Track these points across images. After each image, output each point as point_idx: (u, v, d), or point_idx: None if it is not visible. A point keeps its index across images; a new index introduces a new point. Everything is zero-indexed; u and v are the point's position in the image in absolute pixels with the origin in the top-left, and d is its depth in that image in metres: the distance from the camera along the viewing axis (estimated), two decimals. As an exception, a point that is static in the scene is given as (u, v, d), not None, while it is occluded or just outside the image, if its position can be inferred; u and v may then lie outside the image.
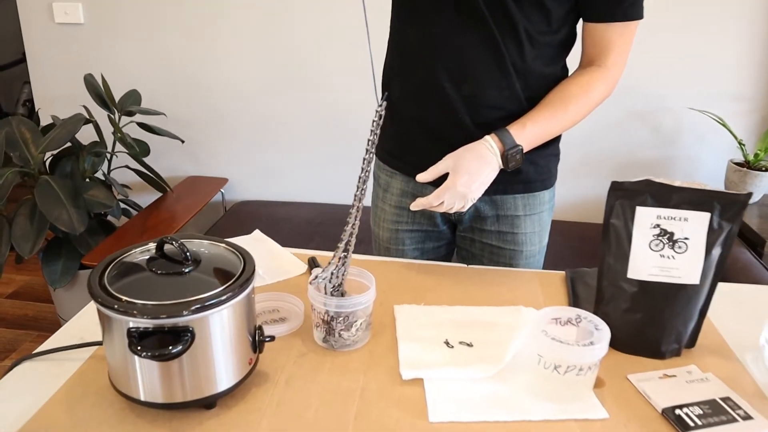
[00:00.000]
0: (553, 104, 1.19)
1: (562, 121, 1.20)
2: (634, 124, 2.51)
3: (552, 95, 1.20)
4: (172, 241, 0.83)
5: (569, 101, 1.19)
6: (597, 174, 2.57)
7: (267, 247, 1.36)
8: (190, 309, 0.76)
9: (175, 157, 2.79)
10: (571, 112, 1.20)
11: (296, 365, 0.96)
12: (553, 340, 0.87)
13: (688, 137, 2.49)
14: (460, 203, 1.15)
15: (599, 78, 1.20)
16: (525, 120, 1.18)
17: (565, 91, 1.20)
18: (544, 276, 1.28)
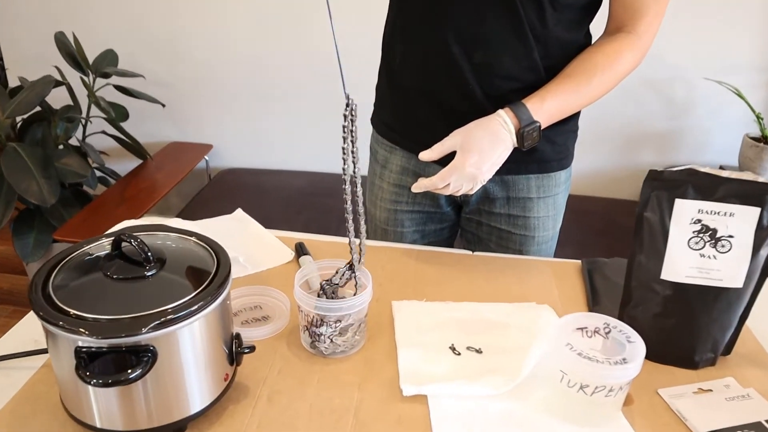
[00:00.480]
0: (576, 75, 1.05)
1: (584, 94, 1.06)
2: (645, 94, 2.36)
3: (574, 65, 1.06)
4: (131, 239, 0.69)
5: (593, 72, 1.05)
6: (603, 145, 2.43)
7: (249, 229, 1.22)
8: (151, 325, 0.62)
9: (156, 122, 2.62)
10: (595, 84, 1.05)
11: (280, 376, 0.83)
12: (580, 356, 0.75)
13: (701, 109, 2.35)
14: (468, 185, 1.02)
15: (628, 46, 1.05)
16: (544, 93, 1.04)
17: (590, 61, 1.05)
18: (558, 266, 1.16)
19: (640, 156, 2.47)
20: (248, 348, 0.77)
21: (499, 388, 0.80)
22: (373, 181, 1.32)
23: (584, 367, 0.74)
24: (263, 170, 2.69)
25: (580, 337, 0.80)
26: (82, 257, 0.72)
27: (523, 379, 0.81)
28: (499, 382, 0.81)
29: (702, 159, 2.41)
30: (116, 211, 2.02)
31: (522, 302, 1.02)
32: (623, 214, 2.39)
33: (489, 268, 1.14)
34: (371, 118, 1.31)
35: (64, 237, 1.83)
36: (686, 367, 0.89)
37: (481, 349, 0.89)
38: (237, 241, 1.16)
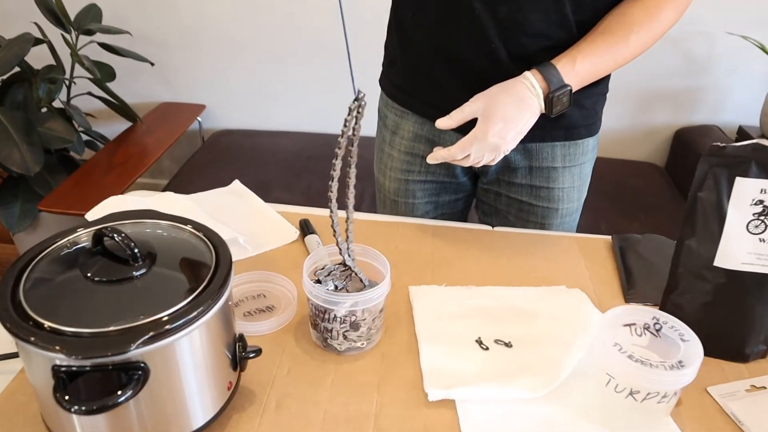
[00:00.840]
0: (611, 33, 0.93)
1: (620, 54, 0.95)
2: (660, 49, 2.21)
3: (609, 21, 0.94)
4: (113, 234, 0.59)
5: (631, 29, 0.93)
6: (614, 104, 2.30)
7: (248, 204, 1.12)
8: (142, 339, 0.53)
9: (145, 82, 2.47)
10: (632, 43, 0.94)
11: (290, 378, 0.75)
12: (630, 358, 0.66)
13: (722, 65, 2.22)
14: (491, 156, 0.92)
15: (669, 0, 0.94)
16: (575, 53, 0.92)
17: (627, 16, 0.94)
18: (586, 243, 1.06)
19: (654, 115, 2.35)
20: (254, 351, 0.68)
21: (535, 392, 0.72)
22: (382, 149, 1.21)
23: (636, 372, 0.65)
24: (259, 131, 2.56)
25: (629, 335, 0.71)
26: (57, 255, 0.62)
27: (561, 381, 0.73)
28: (535, 385, 0.73)
29: (721, 119, 2.29)
30: (105, 178, 1.91)
31: (550, 286, 0.93)
32: (635, 176, 2.29)
33: (511, 245, 1.04)
34: (380, 79, 1.19)
35: (51, 207, 1.72)
36: (736, 360, 0.81)
37: (510, 343, 0.81)
38: (235, 218, 1.06)
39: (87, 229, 0.65)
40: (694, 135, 2.25)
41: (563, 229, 1.16)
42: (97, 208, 1.03)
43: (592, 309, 0.84)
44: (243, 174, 2.26)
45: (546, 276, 0.96)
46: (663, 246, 1.03)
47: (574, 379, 0.73)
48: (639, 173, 2.31)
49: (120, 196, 1.06)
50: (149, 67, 2.30)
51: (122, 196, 1.06)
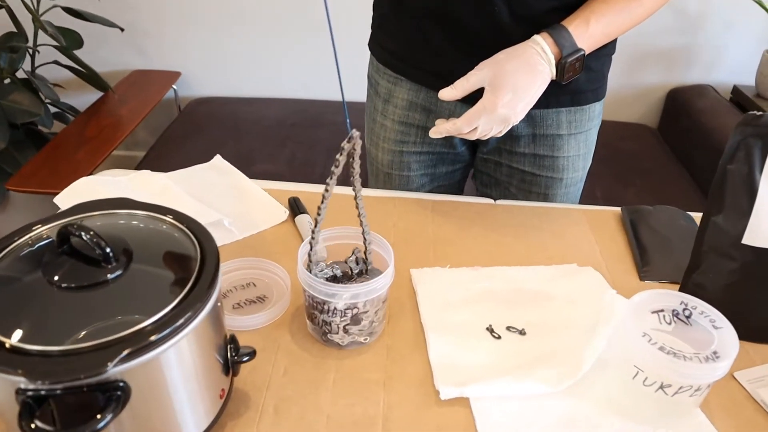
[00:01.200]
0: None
1: (635, 13, 0.87)
2: (655, 5, 2.14)
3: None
4: (81, 232, 0.51)
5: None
6: (608, 64, 2.23)
7: (232, 182, 1.04)
8: (121, 356, 0.46)
9: (115, 49, 2.34)
10: (646, 1, 0.87)
11: (287, 378, 0.68)
12: (662, 350, 0.60)
13: (716, 22, 2.14)
14: (499, 128, 0.85)
15: None
16: (587, 13, 0.85)
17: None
18: (594, 215, 1.00)
19: (645, 75, 2.28)
20: (247, 354, 0.61)
21: (555, 385, 0.66)
22: (374, 118, 1.13)
23: (668, 365, 0.60)
24: (238, 98, 2.45)
25: (657, 323, 0.66)
26: (16, 258, 0.53)
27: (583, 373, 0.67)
28: (554, 378, 0.67)
29: (714, 78, 2.23)
30: (77, 152, 1.80)
31: (561, 264, 0.88)
32: (628, 138, 2.23)
33: (516, 220, 0.98)
34: (369, 43, 1.11)
35: (19, 186, 1.62)
36: (760, 341, 0.76)
37: (524, 330, 0.75)
38: (218, 198, 0.98)
39: (49, 225, 0.57)
40: (688, 95, 2.19)
41: (567, 199, 1.10)
42: (66, 191, 0.94)
43: (607, 289, 0.78)
44: (223, 144, 2.17)
45: (555, 253, 0.90)
46: (676, 218, 0.97)
47: (596, 370, 0.67)
48: (631, 135, 2.25)
49: (91, 177, 0.97)
50: (119, 32, 2.17)
51: (93, 177, 0.97)
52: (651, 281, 0.86)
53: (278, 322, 0.75)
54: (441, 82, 0.97)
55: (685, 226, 0.96)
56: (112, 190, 0.94)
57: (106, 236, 0.53)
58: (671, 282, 0.86)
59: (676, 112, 2.21)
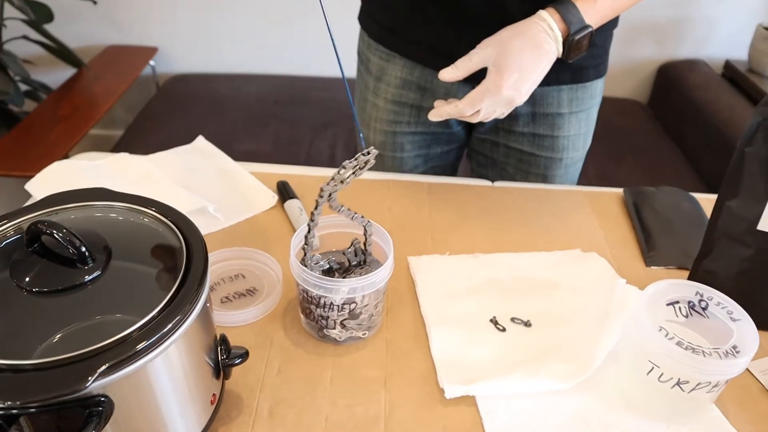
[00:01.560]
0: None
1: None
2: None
3: None
4: (52, 230, 0.46)
5: None
6: (598, 38, 2.18)
7: (216, 165, 0.98)
8: (102, 369, 0.41)
9: (88, 23, 2.23)
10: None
11: (282, 378, 0.64)
12: (679, 346, 0.57)
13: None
14: (503, 110, 0.80)
15: None
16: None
17: None
18: (596, 197, 0.97)
19: (636, 49, 2.24)
20: (239, 357, 0.57)
21: (566, 382, 0.63)
22: (365, 97, 1.07)
23: (686, 361, 0.56)
24: (219, 75, 2.36)
25: (674, 316, 0.62)
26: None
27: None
28: (564, 373, 0.64)
29: (706, 52, 2.19)
30: (51, 132, 1.72)
31: (564, 250, 0.84)
32: (619, 114, 2.20)
33: (515, 202, 0.94)
34: (359, 16, 1.05)
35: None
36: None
37: (529, 321, 0.71)
38: (202, 182, 0.93)
39: (17, 220, 0.51)
40: (679, 70, 2.15)
41: (566, 180, 1.06)
42: (38, 177, 0.88)
43: (615, 278, 0.75)
44: (204, 123, 2.10)
45: (557, 238, 0.87)
46: (680, 200, 0.94)
47: (607, 364, 0.64)
48: (622, 111, 2.21)
49: (66, 161, 0.91)
50: (91, 5, 2.07)
51: (68, 162, 0.91)
52: (657, 266, 0.83)
53: (270, 316, 0.71)
54: (437, 58, 0.92)
55: (690, 209, 0.92)
56: (89, 176, 0.88)
57: (82, 233, 0.48)
58: (677, 267, 0.83)
59: (667, 87, 2.18)
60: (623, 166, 1.87)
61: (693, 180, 1.84)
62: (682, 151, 1.98)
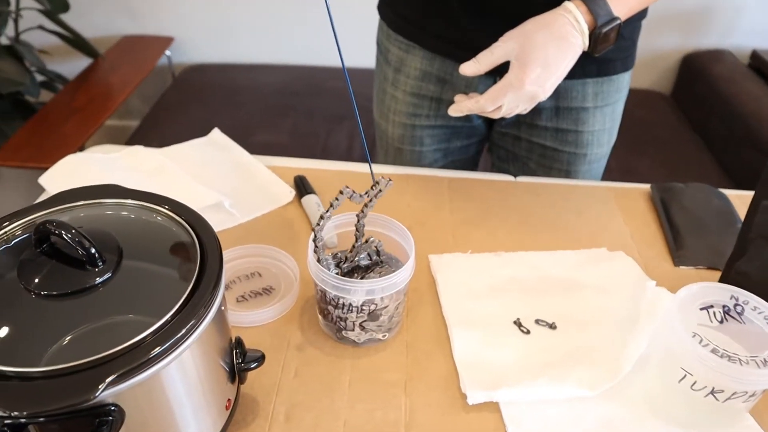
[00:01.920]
0: None
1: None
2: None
3: None
4: (61, 231, 0.44)
5: None
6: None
7: (232, 159, 0.96)
8: (113, 377, 0.39)
9: (104, 13, 2.23)
10: None
11: (299, 381, 0.62)
12: (715, 353, 0.54)
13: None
14: (525, 106, 0.77)
15: None
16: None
17: None
18: (622, 193, 0.94)
19: (660, 39, 2.18)
20: (255, 360, 0.55)
21: (593, 388, 0.61)
22: (383, 89, 1.05)
23: (721, 369, 0.54)
24: (235, 65, 2.35)
25: (707, 321, 0.59)
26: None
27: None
28: (591, 379, 0.61)
29: (732, 42, 2.13)
30: (66, 124, 1.71)
31: (589, 248, 0.81)
32: (640, 106, 2.15)
33: (539, 198, 0.91)
34: (378, 6, 1.02)
35: (5, 160, 1.53)
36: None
37: (554, 324, 0.69)
38: (218, 177, 0.91)
39: (25, 219, 0.50)
40: (704, 60, 2.10)
41: (590, 176, 1.03)
42: (52, 170, 0.87)
43: (642, 277, 0.73)
44: (220, 114, 2.08)
45: (582, 235, 0.84)
46: (709, 196, 0.91)
47: (635, 369, 0.62)
48: (644, 102, 2.16)
49: (80, 154, 0.90)
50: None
51: (82, 155, 0.90)
52: (686, 266, 0.80)
53: (287, 316, 0.69)
54: (457, 49, 0.90)
55: (720, 206, 0.89)
56: (103, 169, 0.87)
57: (92, 233, 0.46)
58: (707, 267, 0.80)
59: (691, 78, 2.13)
60: (645, 159, 1.82)
61: (717, 174, 1.80)
62: (706, 144, 1.93)
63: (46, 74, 1.97)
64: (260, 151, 0.97)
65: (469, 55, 0.77)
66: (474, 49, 0.79)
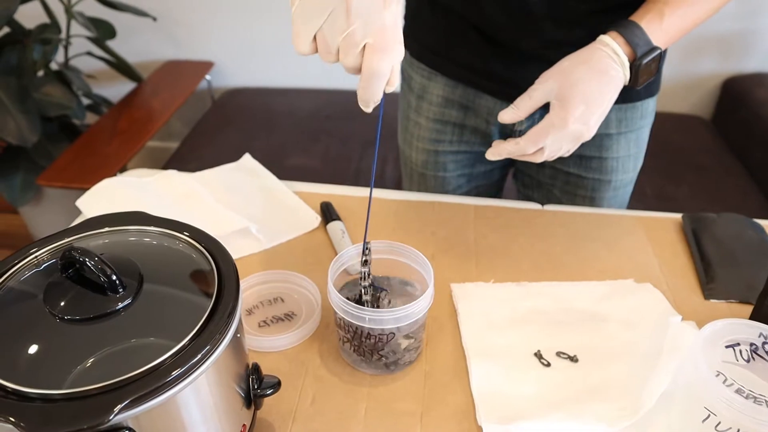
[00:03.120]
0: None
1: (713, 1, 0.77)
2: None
3: None
4: (84, 258, 0.46)
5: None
6: (659, 52, 2.10)
7: (261, 184, 0.98)
8: (129, 399, 0.41)
9: (147, 39, 2.31)
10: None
11: (315, 408, 0.62)
12: (739, 393, 0.53)
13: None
14: (569, 146, 0.72)
15: None
16: (660, 5, 0.73)
17: None
18: (652, 223, 0.92)
19: (699, 63, 2.15)
20: (271, 387, 0.56)
21: (612, 424, 0.59)
22: (407, 115, 1.06)
23: (747, 411, 0.52)
24: (272, 89, 2.40)
25: (733, 359, 0.58)
26: (16, 283, 0.49)
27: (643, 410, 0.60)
28: (611, 415, 0.60)
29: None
30: (108, 146, 1.77)
31: (616, 279, 0.80)
32: (679, 131, 2.11)
33: (566, 228, 0.90)
34: (403, 34, 1.04)
35: (50, 181, 1.60)
36: None
37: (576, 357, 0.68)
38: (246, 202, 0.93)
39: (51, 245, 0.52)
40: (745, 85, 2.05)
41: (615, 202, 1.02)
42: (88, 193, 0.90)
43: (671, 314, 0.71)
44: (256, 137, 2.13)
45: (609, 266, 0.83)
46: (743, 227, 0.88)
47: (657, 405, 0.60)
48: (683, 128, 2.12)
49: (115, 178, 0.93)
50: (151, 22, 2.14)
51: (117, 179, 0.93)
52: (717, 300, 0.78)
53: (307, 342, 0.70)
54: (478, 78, 0.91)
55: (754, 237, 0.87)
56: (136, 193, 0.90)
57: (115, 259, 0.48)
58: (739, 302, 0.77)
59: (732, 103, 2.08)
60: (683, 186, 1.78)
61: (759, 202, 1.74)
62: (747, 172, 1.88)
63: (92, 98, 2.04)
64: (293, 174, 0.99)
65: (489, 83, 0.77)
66: (493, 78, 0.79)
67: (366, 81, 0.55)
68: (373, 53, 0.54)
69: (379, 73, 0.55)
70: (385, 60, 0.54)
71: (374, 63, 0.54)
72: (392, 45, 0.55)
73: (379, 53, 0.54)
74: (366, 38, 0.54)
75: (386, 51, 0.54)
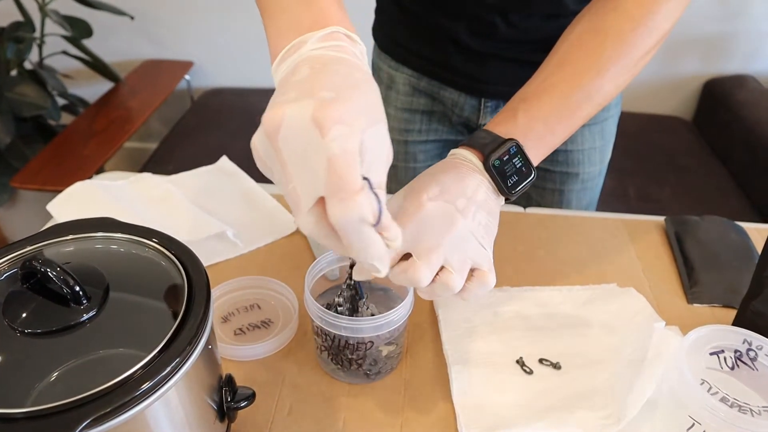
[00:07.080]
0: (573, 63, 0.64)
1: (593, 86, 0.64)
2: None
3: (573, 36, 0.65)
4: (46, 267, 0.44)
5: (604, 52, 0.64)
6: (640, 53, 2.11)
7: (238, 187, 0.96)
8: (94, 417, 0.38)
9: (125, 38, 2.27)
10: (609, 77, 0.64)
11: (292, 418, 0.61)
12: (724, 402, 0.52)
13: (758, 8, 2.01)
14: (449, 292, 0.55)
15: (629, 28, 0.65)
16: (515, 102, 0.63)
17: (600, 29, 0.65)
18: (635, 225, 0.91)
19: (682, 65, 2.16)
20: (245, 399, 0.53)
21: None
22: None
23: (731, 420, 0.51)
24: (253, 89, 2.37)
25: (718, 367, 0.57)
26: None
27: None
28: (595, 422, 0.59)
29: (756, 67, 2.10)
30: (85, 147, 1.74)
31: (599, 284, 0.79)
32: (661, 132, 2.12)
33: (548, 231, 0.89)
34: (373, 27, 1.03)
35: (25, 183, 1.56)
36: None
37: (558, 364, 0.67)
38: (223, 204, 0.90)
39: (12, 254, 0.49)
40: (726, 86, 2.06)
41: (585, 196, 1.03)
42: (60, 197, 0.87)
43: (654, 319, 0.70)
44: (236, 137, 2.10)
45: (592, 270, 0.82)
46: (726, 230, 0.88)
47: (641, 412, 0.59)
48: (665, 129, 2.13)
49: (87, 181, 0.90)
50: (129, 21, 2.10)
51: (90, 182, 0.90)
52: (700, 304, 0.77)
53: (284, 350, 0.68)
54: (440, 70, 0.93)
55: (737, 240, 0.86)
56: (109, 197, 0.87)
57: (80, 268, 0.46)
58: (723, 305, 0.77)
59: (713, 104, 2.09)
60: (666, 188, 1.79)
61: (741, 203, 1.75)
62: (729, 172, 1.89)
63: (67, 98, 2.00)
64: (271, 178, 0.97)
65: (454, 78, 0.77)
66: (454, 71, 0.79)
67: (345, 236, 0.42)
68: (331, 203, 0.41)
69: (348, 219, 0.41)
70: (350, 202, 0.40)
71: (336, 213, 0.41)
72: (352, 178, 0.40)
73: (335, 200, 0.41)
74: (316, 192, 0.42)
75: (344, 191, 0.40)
